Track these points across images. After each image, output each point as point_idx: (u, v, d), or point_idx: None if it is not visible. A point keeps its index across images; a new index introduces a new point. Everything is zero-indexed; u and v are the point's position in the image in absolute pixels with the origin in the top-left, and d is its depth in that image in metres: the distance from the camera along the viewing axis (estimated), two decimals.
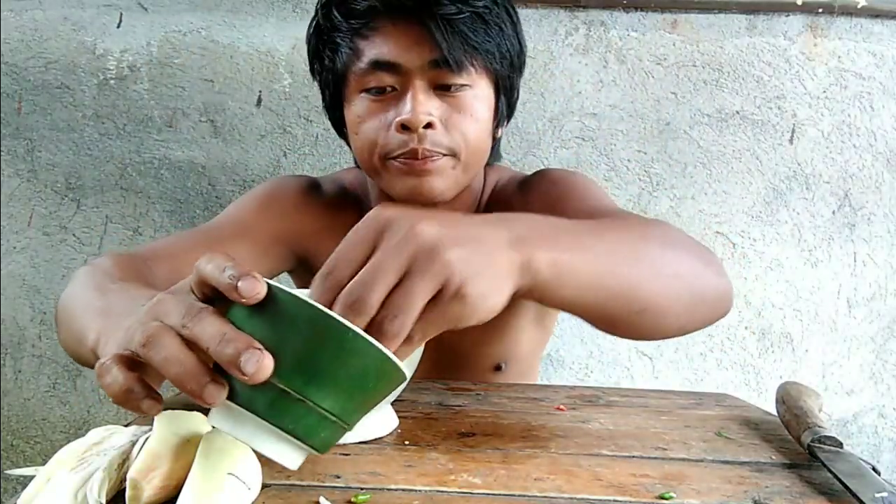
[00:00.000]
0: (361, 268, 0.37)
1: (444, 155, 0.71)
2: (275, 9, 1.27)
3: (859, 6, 1.21)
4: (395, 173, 0.72)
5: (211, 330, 0.35)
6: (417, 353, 0.60)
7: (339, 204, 0.88)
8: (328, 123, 1.22)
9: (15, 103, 1.30)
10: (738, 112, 1.26)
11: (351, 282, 0.36)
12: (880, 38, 1.24)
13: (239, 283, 0.35)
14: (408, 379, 0.38)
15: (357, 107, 0.74)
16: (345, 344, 0.34)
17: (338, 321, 0.34)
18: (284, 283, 0.42)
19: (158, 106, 1.29)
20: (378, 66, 0.70)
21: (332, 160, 1.27)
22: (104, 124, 1.29)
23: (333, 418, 0.36)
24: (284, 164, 1.29)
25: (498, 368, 0.88)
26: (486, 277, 0.39)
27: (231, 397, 0.36)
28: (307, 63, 1.29)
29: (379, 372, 0.36)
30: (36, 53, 1.29)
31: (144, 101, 1.29)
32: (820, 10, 1.23)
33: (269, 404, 0.35)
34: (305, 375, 0.34)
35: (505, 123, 0.81)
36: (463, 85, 0.72)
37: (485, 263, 0.39)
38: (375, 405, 0.38)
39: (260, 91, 1.28)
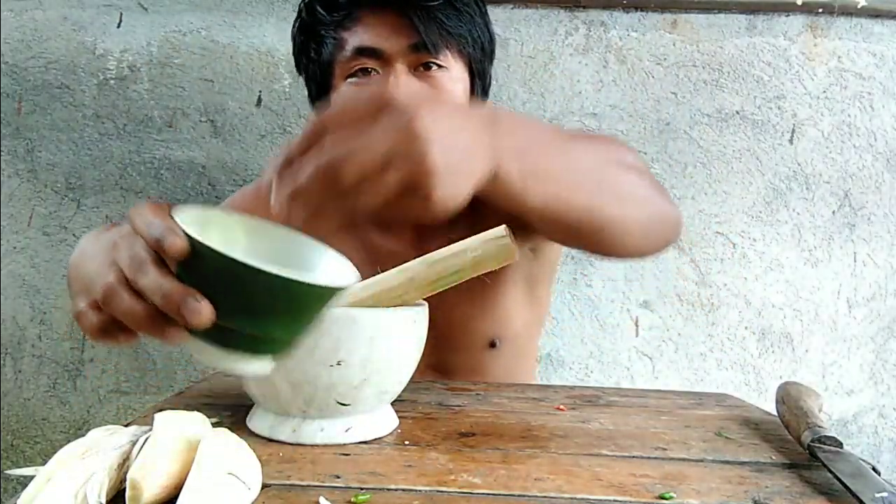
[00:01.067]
0: (345, 129, 0.38)
1: None
2: (275, 9, 1.27)
3: (859, 6, 1.21)
4: None
5: (152, 284, 0.39)
6: (423, 319, 0.60)
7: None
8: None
9: (15, 103, 1.30)
10: (738, 112, 1.26)
11: (335, 148, 0.37)
12: (880, 38, 1.24)
13: (162, 240, 0.37)
14: (342, 287, 0.40)
15: (342, 93, 0.78)
16: (261, 283, 0.37)
17: (248, 266, 0.36)
18: None
19: (158, 106, 1.29)
20: (361, 52, 0.75)
21: None
22: (104, 124, 1.29)
23: (279, 338, 0.41)
24: None
25: (493, 345, 0.89)
26: (455, 171, 0.39)
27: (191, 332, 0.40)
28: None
29: (303, 296, 0.39)
30: (36, 53, 1.29)
31: (144, 101, 1.29)
32: (820, 10, 1.23)
33: (220, 337, 0.40)
34: (241, 314, 0.39)
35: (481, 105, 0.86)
36: (440, 66, 0.77)
37: (457, 160, 0.39)
38: (316, 316, 0.42)
39: (260, 91, 1.28)
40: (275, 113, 1.28)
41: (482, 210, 0.84)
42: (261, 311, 0.39)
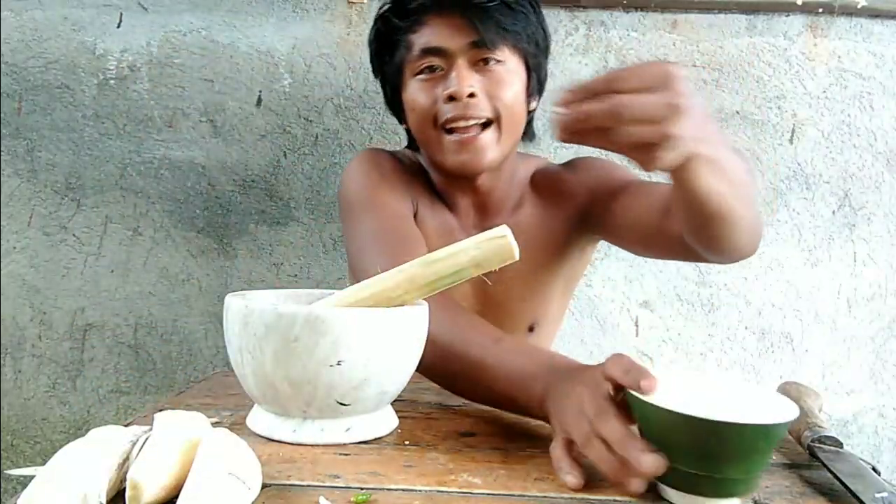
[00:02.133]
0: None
1: (485, 122, 0.83)
2: (275, 9, 1.27)
3: (859, 6, 1.21)
4: (449, 149, 0.84)
5: (615, 434, 0.48)
6: (423, 319, 0.60)
7: (413, 172, 0.97)
8: (328, 123, 1.23)
9: (15, 103, 1.30)
10: (738, 112, 1.26)
11: (624, 101, 0.48)
12: (880, 38, 1.24)
13: (641, 383, 0.47)
14: (787, 422, 0.45)
15: (412, 88, 0.86)
16: (721, 434, 0.43)
17: (709, 421, 0.43)
18: None
19: (158, 106, 1.29)
20: (427, 52, 0.84)
21: (332, 160, 1.28)
22: (104, 124, 1.29)
23: (741, 478, 0.45)
24: (284, 164, 1.29)
25: (531, 329, 0.96)
26: (685, 146, 0.50)
27: (666, 483, 0.47)
28: (307, 63, 1.29)
29: (759, 438, 0.44)
30: (36, 53, 1.29)
31: (144, 101, 1.29)
32: (820, 10, 1.23)
33: (687, 483, 0.46)
34: (701, 460, 0.45)
35: (537, 98, 0.93)
36: (498, 61, 0.84)
37: (693, 143, 0.51)
38: (769, 451, 0.46)
39: (260, 91, 1.28)
40: (275, 113, 1.28)
41: (543, 207, 0.94)
42: (722, 456, 0.44)
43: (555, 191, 0.94)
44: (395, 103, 0.93)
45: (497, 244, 0.56)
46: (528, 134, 0.95)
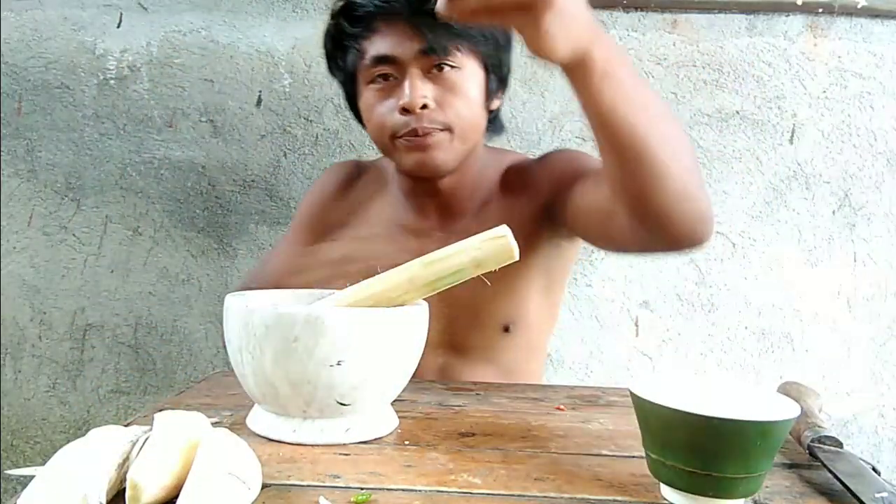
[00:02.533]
0: None
1: (441, 129, 0.81)
2: (275, 9, 1.27)
3: (859, 6, 1.21)
4: (402, 150, 0.83)
5: None
6: (423, 319, 0.60)
7: (369, 185, 1.00)
8: (328, 123, 1.24)
9: (15, 103, 1.30)
10: (738, 112, 1.26)
11: None
12: (880, 38, 1.24)
13: None
14: (789, 419, 0.45)
15: (367, 97, 0.84)
16: (720, 431, 0.43)
17: (708, 418, 0.43)
18: None
19: (158, 106, 1.29)
20: (378, 60, 0.81)
21: (332, 160, 1.28)
22: (104, 124, 1.29)
23: (740, 477, 0.44)
24: (284, 164, 1.29)
25: (506, 329, 0.93)
26: (564, 22, 0.51)
27: (667, 482, 0.47)
28: (307, 63, 1.29)
29: (758, 436, 0.44)
30: (36, 53, 1.29)
31: (144, 101, 1.29)
32: (820, 10, 1.23)
33: (683, 480, 0.45)
34: (701, 458, 0.44)
35: (500, 95, 0.90)
36: (452, 67, 0.81)
37: (568, 17, 0.51)
38: (771, 449, 0.45)
39: (260, 91, 1.28)
40: (275, 113, 1.28)
41: (511, 203, 0.92)
42: (719, 454, 0.44)
43: (523, 186, 0.92)
44: (352, 105, 0.91)
45: (497, 244, 0.56)
46: (495, 129, 0.94)
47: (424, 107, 0.79)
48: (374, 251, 0.92)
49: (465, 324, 0.92)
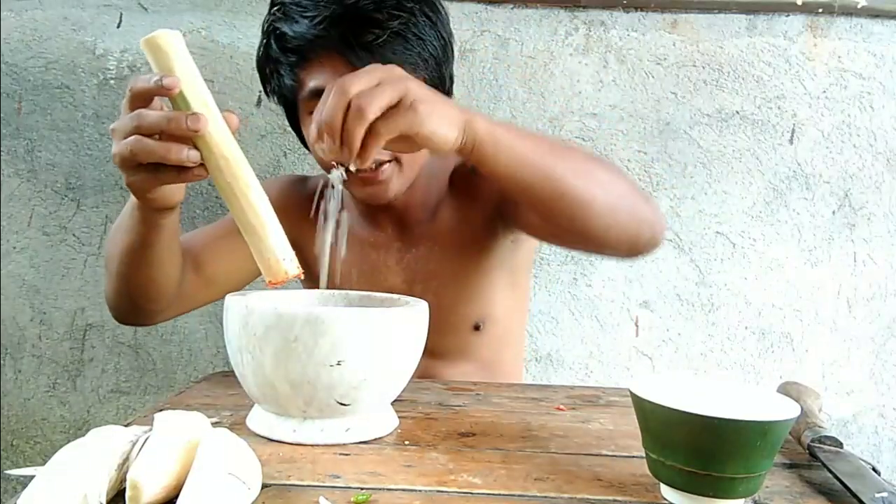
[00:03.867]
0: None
1: (389, 161, 0.81)
2: None
3: (859, 6, 1.21)
4: (354, 184, 0.81)
5: (157, 117, 0.57)
6: (423, 319, 0.60)
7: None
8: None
9: (15, 103, 1.30)
10: (738, 112, 1.26)
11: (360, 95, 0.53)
12: (880, 38, 1.24)
13: (159, 82, 0.56)
14: (788, 419, 0.45)
15: (307, 127, 0.82)
16: (719, 430, 0.43)
17: (707, 417, 0.43)
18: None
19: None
20: (317, 94, 0.77)
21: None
22: (104, 124, 1.29)
23: (739, 477, 0.44)
24: (284, 164, 1.29)
25: (477, 328, 0.94)
26: (437, 110, 0.56)
27: (667, 482, 0.47)
28: None
29: (758, 435, 0.43)
30: (36, 53, 1.29)
31: None
32: (820, 10, 1.23)
33: (683, 480, 0.45)
34: (701, 458, 0.44)
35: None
36: None
37: (437, 102, 0.56)
38: (768, 454, 0.45)
39: (260, 91, 1.28)
40: (275, 113, 1.28)
41: (462, 204, 0.93)
42: (719, 454, 0.44)
43: (471, 189, 0.93)
44: (293, 125, 0.90)
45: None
46: None
47: None
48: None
49: (436, 327, 0.89)
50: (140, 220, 0.68)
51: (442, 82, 0.84)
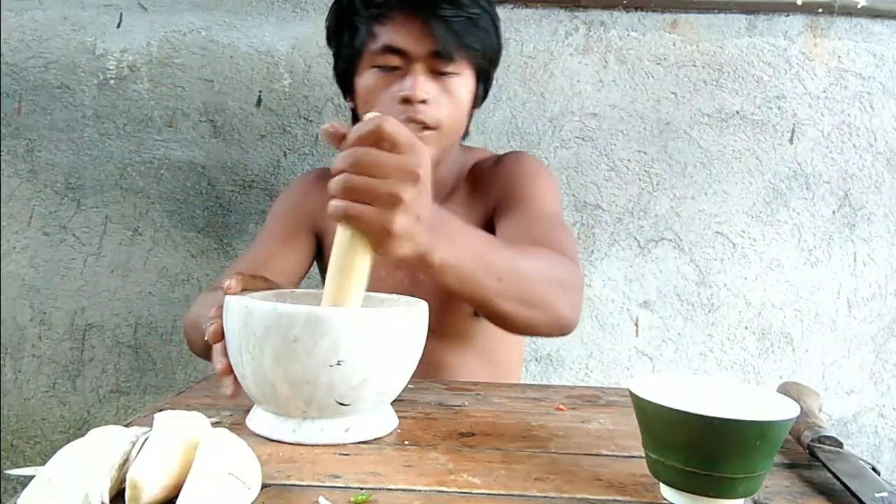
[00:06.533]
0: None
1: (431, 128, 0.85)
2: (275, 9, 1.27)
3: (859, 6, 1.21)
4: None
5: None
6: (423, 319, 0.60)
7: None
8: (328, 123, 1.22)
9: (15, 103, 1.30)
10: (738, 112, 1.26)
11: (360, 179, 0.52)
12: (880, 38, 1.24)
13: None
14: (788, 419, 0.45)
15: (367, 79, 0.88)
16: (719, 430, 0.43)
17: (707, 417, 0.43)
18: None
19: (158, 106, 1.29)
20: (389, 49, 0.85)
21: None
22: (104, 124, 1.29)
23: (739, 477, 0.44)
24: (284, 164, 1.29)
25: (476, 313, 0.95)
26: (410, 234, 0.55)
27: (666, 482, 0.47)
28: (307, 63, 1.29)
29: (757, 435, 0.43)
30: (36, 53, 1.29)
31: (144, 101, 1.29)
32: (820, 10, 1.23)
33: (683, 480, 0.46)
34: (700, 458, 0.44)
35: (479, 105, 0.97)
36: (452, 73, 0.86)
37: (417, 230, 0.56)
38: (768, 454, 0.45)
39: (260, 91, 1.28)
40: (275, 113, 1.28)
41: (472, 199, 0.97)
42: (718, 453, 0.44)
43: (482, 182, 0.98)
44: (345, 78, 0.94)
45: None
46: (465, 132, 0.99)
47: (424, 101, 0.84)
48: None
49: (436, 308, 0.93)
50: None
51: (488, 79, 0.93)
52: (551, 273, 0.74)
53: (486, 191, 0.97)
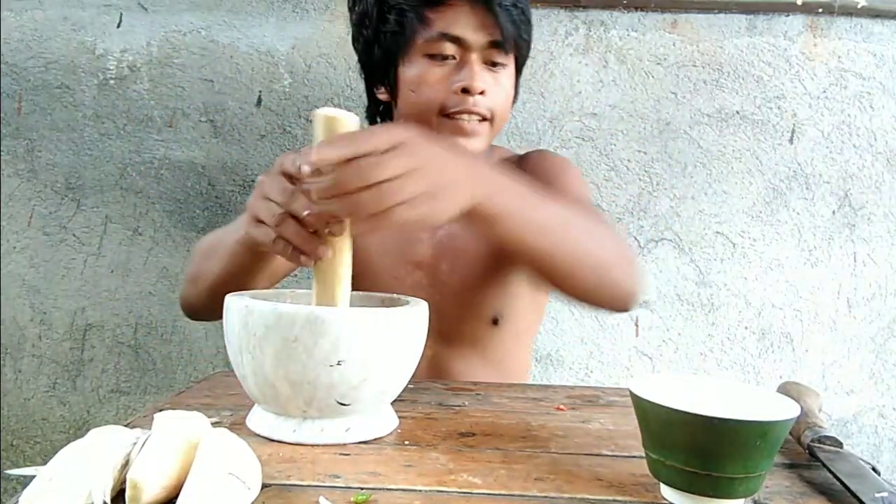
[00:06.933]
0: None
1: (485, 119, 0.85)
2: (275, 9, 1.27)
3: (859, 6, 1.21)
4: (446, 128, 0.84)
5: (303, 202, 0.55)
6: (423, 319, 0.60)
7: None
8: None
9: (15, 103, 1.30)
10: (738, 112, 1.26)
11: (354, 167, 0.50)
12: (880, 38, 1.24)
13: (305, 161, 0.52)
14: (788, 419, 0.45)
15: (416, 68, 0.84)
16: (718, 430, 0.43)
17: (706, 417, 0.43)
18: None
19: (158, 106, 1.29)
20: (446, 37, 0.81)
21: None
22: (104, 124, 1.29)
23: (738, 477, 0.44)
24: None
25: (495, 322, 0.94)
26: (452, 194, 0.55)
27: (666, 482, 0.47)
28: (307, 63, 1.29)
29: (757, 435, 0.43)
30: (36, 53, 1.29)
31: (144, 101, 1.29)
32: (820, 10, 1.23)
33: (683, 480, 0.45)
34: (700, 458, 0.44)
35: (515, 100, 0.94)
36: (502, 65, 0.86)
37: (454, 185, 0.55)
38: (768, 454, 0.45)
39: (260, 91, 1.28)
40: (275, 113, 1.28)
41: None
42: (717, 453, 0.44)
43: None
44: (382, 68, 0.88)
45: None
46: None
47: (482, 93, 0.82)
48: (370, 236, 0.93)
49: (455, 315, 0.93)
50: (246, 252, 0.72)
51: (519, 69, 0.92)
52: (606, 234, 0.73)
53: None
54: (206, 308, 0.83)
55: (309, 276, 1.21)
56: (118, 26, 1.28)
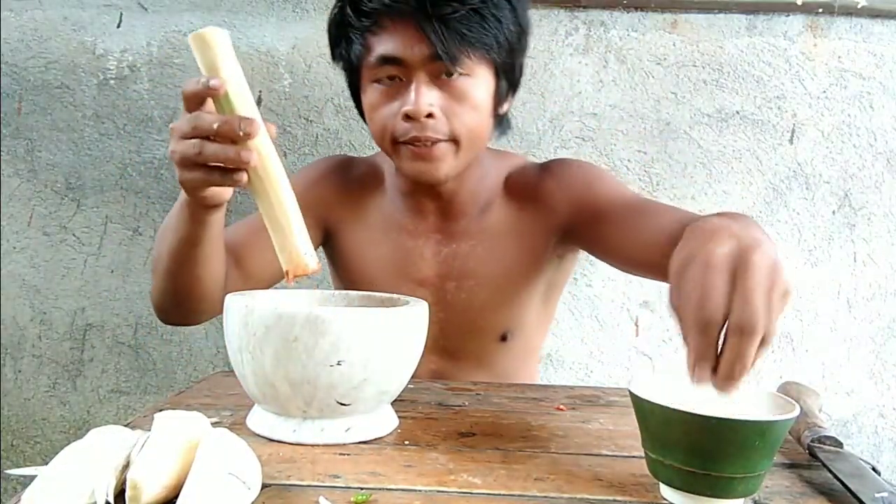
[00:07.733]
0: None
1: (445, 140, 0.78)
2: (275, 9, 1.27)
3: (859, 6, 1.21)
4: (404, 157, 0.80)
5: (211, 118, 0.60)
6: (423, 319, 0.60)
7: (364, 181, 0.96)
8: (328, 123, 1.23)
9: (15, 103, 1.30)
10: (738, 112, 1.26)
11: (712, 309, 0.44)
12: (880, 38, 1.24)
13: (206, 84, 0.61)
14: (787, 419, 0.45)
15: (370, 95, 0.81)
16: (718, 430, 0.43)
17: (706, 417, 0.43)
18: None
19: (158, 106, 1.29)
20: (385, 60, 0.77)
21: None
22: (104, 124, 1.29)
23: (738, 477, 0.44)
24: (284, 165, 1.28)
25: (504, 338, 0.91)
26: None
27: (666, 481, 0.47)
28: (307, 63, 1.29)
29: (756, 435, 0.43)
30: (36, 53, 1.29)
31: (144, 101, 1.29)
32: (820, 10, 1.23)
33: (682, 480, 0.46)
34: (699, 458, 0.44)
35: (510, 98, 0.87)
36: (461, 74, 0.77)
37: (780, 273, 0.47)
38: (767, 454, 0.45)
39: (260, 91, 1.28)
40: (275, 113, 1.28)
41: (516, 210, 0.90)
42: (717, 453, 0.44)
43: (530, 195, 0.89)
44: (355, 96, 0.87)
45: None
46: (502, 129, 0.90)
47: (430, 115, 0.76)
48: (369, 251, 0.92)
49: (461, 331, 0.90)
50: (188, 218, 0.69)
51: (512, 70, 0.83)
52: None
53: (538, 207, 0.88)
54: (171, 300, 0.80)
55: (309, 277, 1.20)
56: (118, 26, 1.28)
